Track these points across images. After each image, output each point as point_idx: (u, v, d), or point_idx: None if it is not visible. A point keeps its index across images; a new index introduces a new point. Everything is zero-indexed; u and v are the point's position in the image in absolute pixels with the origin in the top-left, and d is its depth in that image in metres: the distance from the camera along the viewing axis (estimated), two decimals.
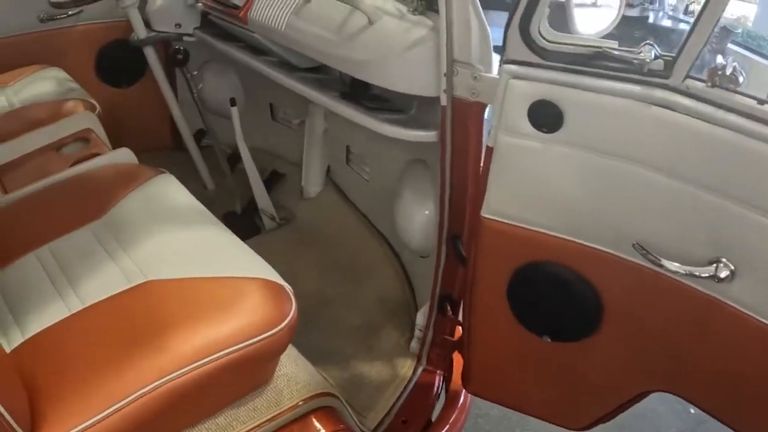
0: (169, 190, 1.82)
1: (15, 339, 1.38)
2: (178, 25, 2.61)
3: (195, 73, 2.78)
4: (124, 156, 2.00)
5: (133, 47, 2.65)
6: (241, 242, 1.63)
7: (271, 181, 2.86)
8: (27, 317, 1.42)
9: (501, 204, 1.50)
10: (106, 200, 1.75)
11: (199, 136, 3.02)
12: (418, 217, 2.05)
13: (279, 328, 1.39)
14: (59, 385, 1.27)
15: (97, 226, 1.68)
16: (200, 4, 2.52)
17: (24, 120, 2.31)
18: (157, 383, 1.26)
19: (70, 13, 2.72)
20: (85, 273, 1.52)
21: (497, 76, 1.42)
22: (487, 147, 1.46)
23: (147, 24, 2.60)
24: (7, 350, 1.35)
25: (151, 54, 2.67)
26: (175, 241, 1.60)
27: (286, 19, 1.98)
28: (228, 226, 1.73)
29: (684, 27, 4.45)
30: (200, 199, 1.85)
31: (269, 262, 1.58)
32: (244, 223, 2.73)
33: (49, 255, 1.60)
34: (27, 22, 2.71)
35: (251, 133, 2.58)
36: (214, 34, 2.58)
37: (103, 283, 1.48)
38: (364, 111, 1.89)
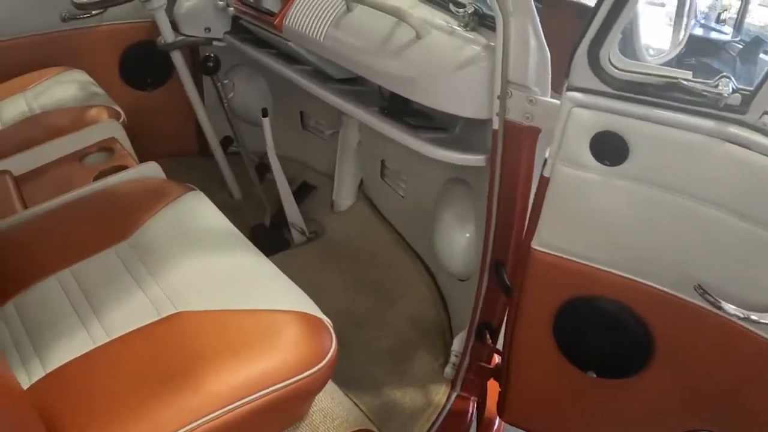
0: (200, 209, 1.73)
1: (35, 372, 1.30)
2: (208, 29, 2.49)
3: (225, 81, 2.68)
4: (151, 170, 1.92)
5: (159, 49, 2.56)
6: (278, 270, 1.55)
7: (301, 192, 2.77)
8: (48, 349, 1.34)
9: (554, 236, 1.41)
10: (133, 219, 1.66)
11: (225, 143, 2.92)
12: (459, 240, 1.96)
13: (318, 367, 1.31)
14: (85, 424, 1.19)
15: (122, 249, 1.60)
16: (231, 9, 2.42)
17: (44, 127, 2.22)
18: (191, 426, 1.18)
19: (93, 12, 2.64)
20: (111, 301, 1.44)
21: (555, 101, 1.34)
22: (542, 177, 1.37)
23: (174, 27, 2.50)
24: (26, 385, 1.28)
25: (178, 58, 2.56)
26: (208, 268, 1.51)
27: (326, 29, 1.88)
28: (256, 240, 1.66)
29: (716, 36, 4.34)
30: (227, 209, 1.79)
31: (298, 279, 1.52)
32: (272, 236, 2.64)
33: (71, 279, 1.52)
34: (48, 21, 2.60)
35: (280, 141, 2.46)
36: (244, 39, 2.47)
37: (131, 313, 1.40)
38: (405, 129, 1.79)
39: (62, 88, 2.47)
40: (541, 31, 1.35)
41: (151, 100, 2.93)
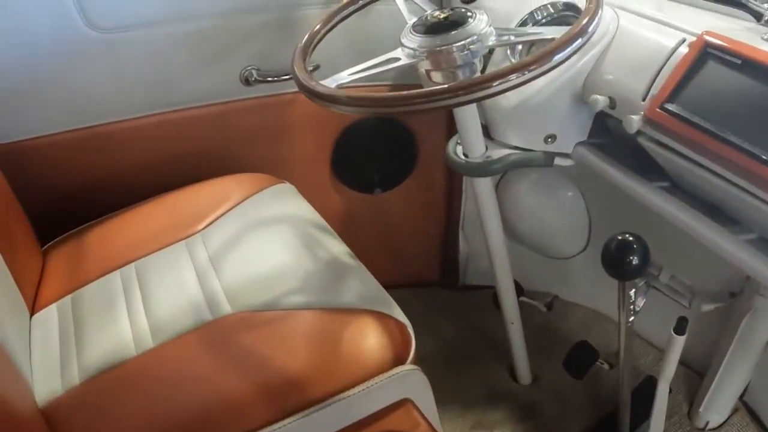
0: None
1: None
2: (551, 138, 1.31)
3: (640, 287, 1.20)
4: None
5: (399, 135, 1.70)
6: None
7: (642, 394, 1.60)
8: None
9: None
10: None
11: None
12: None
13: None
14: None
15: None
16: (606, 105, 1.15)
17: (246, 362, 1.05)
18: None
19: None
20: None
21: None
22: None
23: (484, 131, 1.38)
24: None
25: (485, 189, 1.41)
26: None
27: None
28: None
29: None
30: (509, 404, 1.47)
31: None
32: None
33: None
34: (218, 85, 1.53)
35: (592, 287, 1.65)
36: (600, 150, 1.29)
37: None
38: None
39: (270, 234, 1.31)
40: None
41: (379, 205, 1.88)
